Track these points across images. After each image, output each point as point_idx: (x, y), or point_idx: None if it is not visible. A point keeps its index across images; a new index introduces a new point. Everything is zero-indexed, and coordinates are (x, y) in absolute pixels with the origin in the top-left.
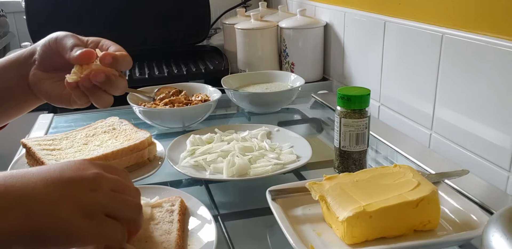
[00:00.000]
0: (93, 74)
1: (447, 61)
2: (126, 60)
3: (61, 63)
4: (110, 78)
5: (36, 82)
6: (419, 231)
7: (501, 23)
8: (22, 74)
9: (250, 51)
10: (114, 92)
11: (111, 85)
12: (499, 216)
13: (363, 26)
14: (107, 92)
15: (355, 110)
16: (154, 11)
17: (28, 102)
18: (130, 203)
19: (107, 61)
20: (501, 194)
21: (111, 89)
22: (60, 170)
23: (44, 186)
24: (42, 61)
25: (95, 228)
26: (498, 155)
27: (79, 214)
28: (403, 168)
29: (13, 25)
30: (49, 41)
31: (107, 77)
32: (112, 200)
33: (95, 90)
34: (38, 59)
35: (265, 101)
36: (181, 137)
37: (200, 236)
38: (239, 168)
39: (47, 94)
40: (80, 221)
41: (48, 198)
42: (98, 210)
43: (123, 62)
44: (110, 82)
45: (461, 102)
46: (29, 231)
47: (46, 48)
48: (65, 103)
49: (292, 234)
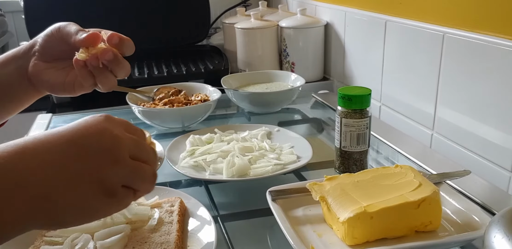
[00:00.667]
0: (102, 52)
1: (449, 60)
2: (130, 44)
3: (63, 52)
4: (117, 57)
5: (36, 73)
6: (420, 232)
7: (503, 22)
8: (21, 67)
9: (250, 50)
10: (119, 73)
11: (118, 65)
12: (501, 217)
13: (363, 26)
14: (113, 74)
15: (356, 110)
16: (154, 11)
17: (28, 95)
18: (147, 175)
19: (114, 41)
20: (503, 194)
21: (117, 68)
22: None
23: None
24: (43, 51)
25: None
26: (500, 155)
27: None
28: (404, 169)
29: (11, 25)
30: (52, 31)
31: (115, 56)
32: (132, 174)
33: (101, 70)
34: (39, 50)
35: (265, 101)
36: (180, 137)
37: (199, 237)
38: (239, 168)
39: (49, 83)
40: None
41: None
42: (118, 185)
43: (128, 45)
44: (117, 61)
45: (463, 102)
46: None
47: (48, 37)
48: (68, 90)
49: (293, 235)
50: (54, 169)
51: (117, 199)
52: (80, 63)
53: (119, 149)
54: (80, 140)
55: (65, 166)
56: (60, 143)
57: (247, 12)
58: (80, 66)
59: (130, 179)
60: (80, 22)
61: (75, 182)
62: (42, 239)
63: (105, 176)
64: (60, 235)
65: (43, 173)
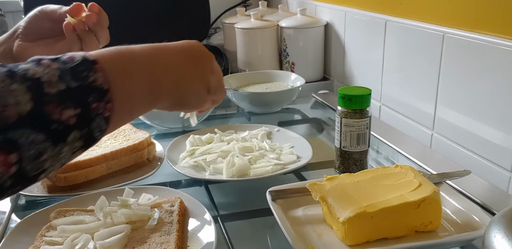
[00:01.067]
0: (87, 17)
1: (449, 60)
2: (105, 15)
3: (46, 30)
4: (100, 21)
5: (22, 52)
6: (420, 232)
7: (503, 22)
8: (5, 51)
9: (250, 50)
10: (101, 38)
11: (100, 27)
12: (501, 217)
13: (363, 26)
14: (96, 38)
15: (356, 110)
16: (154, 11)
17: None
18: (223, 88)
19: (95, 9)
20: (503, 194)
21: (100, 32)
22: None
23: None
24: (26, 32)
25: (208, 98)
26: (500, 155)
27: (205, 89)
28: (404, 169)
29: (11, 25)
30: (35, 12)
31: (98, 20)
32: (219, 84)
33: (87, 33)
34: (22, 32)
35: (265, 101)
36: (180, 137)
37: (199, 237)
38: (239, 168)
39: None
40: (206, 94)
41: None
42: (212, 88)
43: (104, 15)
44: (100, 25)
45: (463, 102)
46: (178, 95)
47: (32, 18)
48: None
49: (293, 235)
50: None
51: (213, 96)
52: (69, 27)
53: (214, 65)
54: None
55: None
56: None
57: (247, 12)
58: (69, 30)
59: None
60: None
61: (194, 78)
62: (42, 239)
63: (209, 79)
64: (60, 235)
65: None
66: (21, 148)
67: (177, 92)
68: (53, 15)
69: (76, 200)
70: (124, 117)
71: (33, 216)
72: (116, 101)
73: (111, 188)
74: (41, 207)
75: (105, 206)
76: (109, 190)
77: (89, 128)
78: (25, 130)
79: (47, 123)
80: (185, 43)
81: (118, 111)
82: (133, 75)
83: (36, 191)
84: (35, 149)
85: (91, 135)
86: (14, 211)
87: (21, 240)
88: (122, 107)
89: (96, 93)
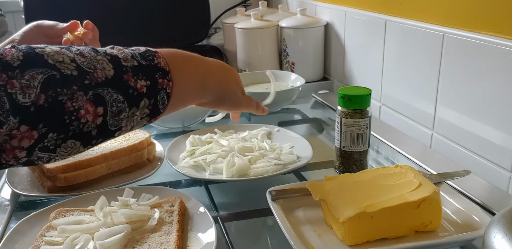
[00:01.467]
0: (84, 34)
1: (449, 60)
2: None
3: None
4: (95, 37)
5: None
6: (420, 232)
7: (503, 22)
8: None
9: (250, 50)
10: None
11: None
12: (501, 217)
13: (363, 26)
14: None
15: (356, 110)
16: (154, 11)
17: None
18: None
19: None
20: (503, 194)
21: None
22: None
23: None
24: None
25: (246, 101)
26: (500, 155)
27: (240, 91)
28: (404, 169)
29: (11, 25)
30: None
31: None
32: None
33: None
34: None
35: None
36: (180, 137)
37: (199, 237)
38: (239, 168)
39: None
40: (241, 95)
41: (225, 78)
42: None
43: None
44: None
45: (463, 102)
46: (220, 91)
47: (27, 34)
48: None
49: (293, 235)
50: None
51: (244, 98)
52: (68, 43)
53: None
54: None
55: (223, 73)
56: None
57: (247, 12)
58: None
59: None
60: (80, 22)
61: (231, 81)
62: (42, 239)
63: (240, 83)
64: (60, 235)
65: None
66: (107, 103)
67: (219, 89)
68: (50, 31)
69: (76, 200)
70: (180, 99)
71: (33, 216)
72: (176, 82)
73: (111, 188)
74: (41, 207)
75: (105, 206)
76: (109, 190)
77: (155, 98)
78: (110, 90)
79: (126, 88)
80: (215, 60)
81: (177, 91)
82: (187, 67)
83: (36, 191)
84: (116, 106)
85: (157, 106)
86: (14, 211)
87: (21, 240)
88: (179, 89)
89: (161, 72)
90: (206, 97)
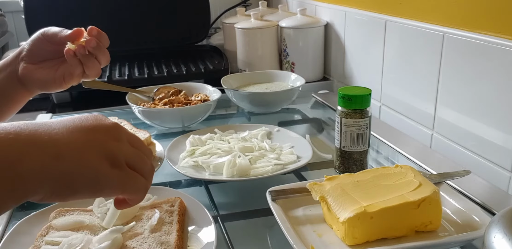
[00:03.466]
0: (87, 41)
1: (449, 60)
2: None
3: (49, 52)
4: (99, 44)
5: (28, 74)
6: (420, 232)
7: (503, 22)
8: (11, 73)
9: (250, 50)
10: (102, 59)
11: (100, 51)
12: (501, 217)
13: (363, 26)
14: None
15: (356, 110)
16: (154, 11)
17: (19, 96)
18: (146, 161)
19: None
20: (503, 194)
21: (100, 55)
22: (79, 119)
23: (68, 132)
24: (31, 55)
25: (122, 176)
26: (500, 155)
27: (106, 161)
28: (404, 168)
29: (11, 25)
30: (38, 35)
31: (97, 43)
32: (133, 153)
33: (88, 57)
34: (27, 55)
35: (265, 101)
36: (180, 137)
37: (200, 237)
38: (240, 168)
39: (40, 81)
40: (107, 168)
41: (74, 143)
42: (122, 159)
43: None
44: (99, 48)
45: (463, 102)
46: (57, 173)
47: (35, 41)
48: (59, 83)
49: (293, 235)
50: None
51: (122, 172)
52: (70, 52)
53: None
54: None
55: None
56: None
57: (247, 12)
58: (70, 56)
59: (133, 160)
60: (80, 22)
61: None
62: (42, 239)
63: (110, 147)
64: (62, 236)
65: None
66: None
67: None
68: (54, 38)
69: (76, 200)
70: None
71: (33, 216)
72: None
73: None
74: (41, 207)
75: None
76: None
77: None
78: None
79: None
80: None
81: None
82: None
83: None
84: None
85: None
86: (14, 211)
87: (21, 240)
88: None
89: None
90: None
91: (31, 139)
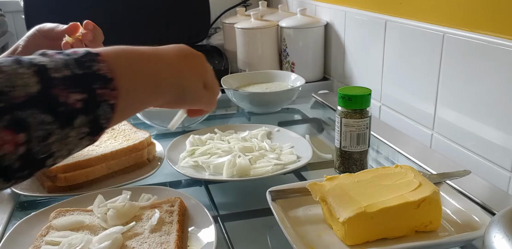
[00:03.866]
0: (83, 35)
1: (449, 60)
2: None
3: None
4: (95, 38)
5: None
6: (420, 232)
7: (503, 22)
8: None
9: (250, 50)
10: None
11: (96, 45)
12: (501, 217)
13: (363, 26)
14: None
15: (356, 110)
16: (154, 11)
17: None
18: (218, 85)
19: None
20: (503, 194)
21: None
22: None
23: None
24: (27, 51)
25: (209, 96)
26: (500, 155)
27: (202, 84)
28: (404, 168)
29: (11, 25)
30: (33, 31)
31: (93, 37)
32: (213, 80)
33: None
34: (22, 51)
35: (265, 101)
36: (180, 137)
37: (200, 237)
38: (240, 168)
39: None
40: (203, 89)
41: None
42: (209, 84)
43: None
44: (95, 42)
45: (463, 102)
46: (179, 85)
47: (31, 38)
48: None
49: (293, 235)
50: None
51: (210, 93)
52: (68, 46)
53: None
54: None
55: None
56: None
57: (247, 12)
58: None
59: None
60: (79, 22)
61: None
62: (42, 239)
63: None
64: (62, 236)
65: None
66: (29, 128)
67: (178, 86)
68: (50, 34)
69: (76, 200)
70: (130, 107)
71: (33, 216)
72: (121, 90)
73: (111, 188)
74: (41, 207)
75: (101, 204)
76: (109, 190)
77: (95, 113)
78: (34, 110)
79: (55, 105)
80: (176, 46)
81: (123, 100)
82: (136, 67)
83: (36, 191)
84: (43, 129)
85: (97, 122)
86: (14, 211)
87: (21, 240)
88: (127, 96)
89: (101, 80)
90: (161, 99)
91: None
